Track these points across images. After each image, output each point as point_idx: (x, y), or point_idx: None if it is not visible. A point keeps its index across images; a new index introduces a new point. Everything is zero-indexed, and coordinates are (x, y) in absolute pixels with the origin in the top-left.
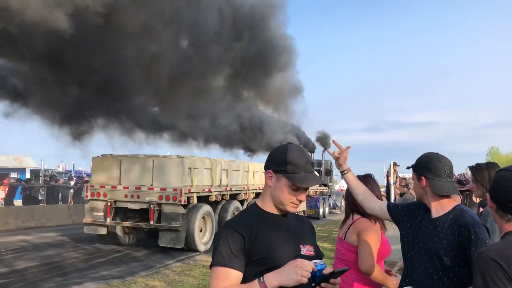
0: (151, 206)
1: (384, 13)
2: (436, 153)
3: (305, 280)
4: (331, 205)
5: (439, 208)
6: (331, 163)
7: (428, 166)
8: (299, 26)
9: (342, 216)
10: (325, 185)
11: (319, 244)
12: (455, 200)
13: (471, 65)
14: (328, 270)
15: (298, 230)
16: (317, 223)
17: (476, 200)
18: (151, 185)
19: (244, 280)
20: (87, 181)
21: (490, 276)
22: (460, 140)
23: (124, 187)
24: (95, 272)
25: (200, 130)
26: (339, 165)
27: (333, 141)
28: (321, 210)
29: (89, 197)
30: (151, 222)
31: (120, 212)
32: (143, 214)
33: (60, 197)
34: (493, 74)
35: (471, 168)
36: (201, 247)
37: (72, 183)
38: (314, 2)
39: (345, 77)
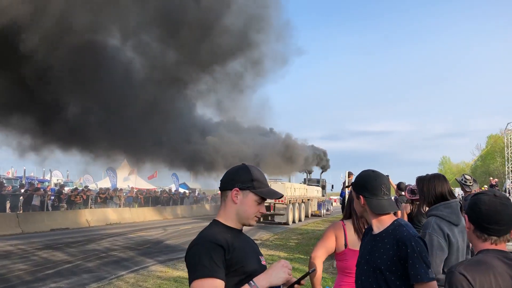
0: (271, 204)
1: (347, 25)
2: (373, 171)
3: (290, 277)
4: (326, 208)
5: (379, 224)
6: (325, 181)
7: (365, 185)
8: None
9: (317, 219)
10: (322, 195)
11: (276, 252)
12: (405, 209)
13: (426, 77)
14: None
15: (253, 243)
16: (276, 231)
17: (425, 209)
18: None
19: None
20: (38, 188)
21: None
22: (415, 149)
23: None
24: (42, 284)
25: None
26: None
27: None
28: (322, 211)
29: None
30: (271, 211)
31: None
32: (266, 208)
33: (9, 205)
34: (446, 86)
35: (416, 180)
36: (290, 222)
37: (23, 190)
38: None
39: (306, 86)
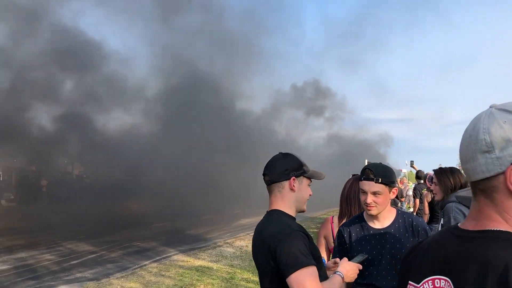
0: None
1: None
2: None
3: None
4: None
5: (383, 219)
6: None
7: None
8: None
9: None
10: None
11: None
12: (426, 197)
13: (445, 64)
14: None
15: None
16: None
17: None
18: None
19: None
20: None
21: None
22: (434, 136)
23: None
24: (68, 274)
25: None
26: None
27: None
28: None
29: None
30: None
31: None
32: None
33: None
34: (466, 73)
35: (435, 171)
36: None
37: None
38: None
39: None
